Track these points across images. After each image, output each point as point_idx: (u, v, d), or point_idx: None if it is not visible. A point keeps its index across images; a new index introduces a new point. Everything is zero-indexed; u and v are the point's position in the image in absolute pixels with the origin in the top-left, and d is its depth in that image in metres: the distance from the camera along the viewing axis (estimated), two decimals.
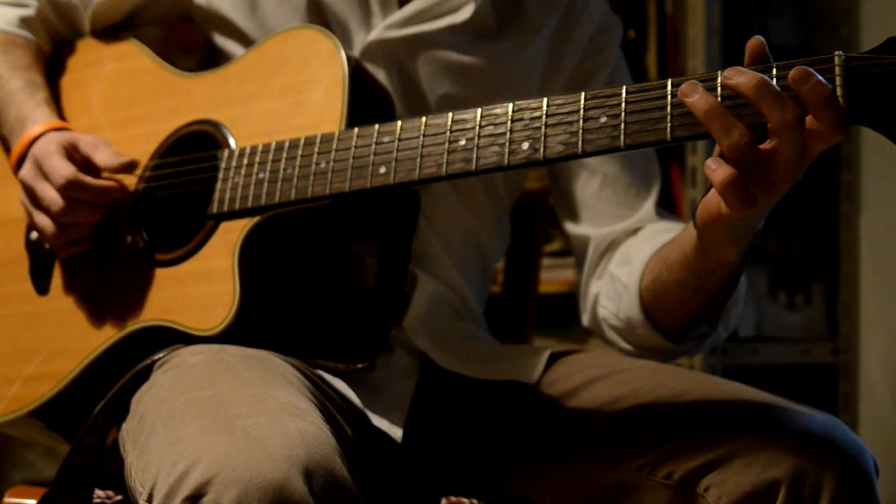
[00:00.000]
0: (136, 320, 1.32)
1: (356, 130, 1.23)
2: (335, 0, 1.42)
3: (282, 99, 1.31)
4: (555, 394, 1.36)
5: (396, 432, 1.31)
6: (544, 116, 1.13)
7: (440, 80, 1.43)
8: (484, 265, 1.54)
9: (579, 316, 1.51)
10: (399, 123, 1.21)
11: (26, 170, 1.35)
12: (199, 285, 1.29)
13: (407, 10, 1.42)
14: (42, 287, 1.42)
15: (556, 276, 2.53)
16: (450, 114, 1.18)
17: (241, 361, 1.17)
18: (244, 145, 1.31)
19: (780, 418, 1.18)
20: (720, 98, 1.03)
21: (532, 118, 1.13)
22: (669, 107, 1.06)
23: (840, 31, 2.49)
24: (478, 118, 1.16)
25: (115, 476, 1.23)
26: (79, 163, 1.34)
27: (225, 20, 1.45)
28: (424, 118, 1.20)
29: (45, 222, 1.34)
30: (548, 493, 1.33)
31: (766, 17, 2.52)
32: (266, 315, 1.27)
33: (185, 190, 1.34)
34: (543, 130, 1.12)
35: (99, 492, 1.39)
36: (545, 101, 1.13)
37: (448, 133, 1.18)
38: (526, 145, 1.13)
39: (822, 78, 0.99)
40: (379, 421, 1.30)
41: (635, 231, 1.46)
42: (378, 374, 1.35)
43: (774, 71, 1.03)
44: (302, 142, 1.26)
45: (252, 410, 1.04)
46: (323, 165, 1.23)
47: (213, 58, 1.46)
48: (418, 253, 1.40)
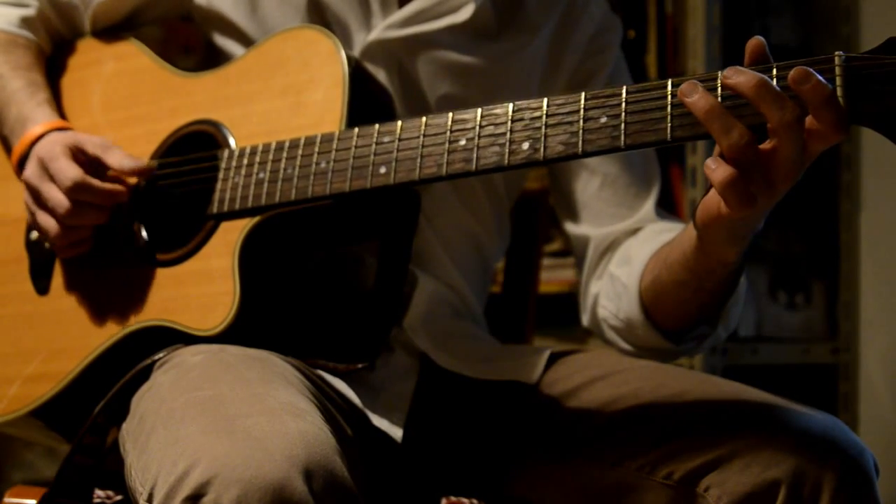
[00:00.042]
0: (136, 320, 1.32)
1: (356, 130, 1.23)
2: (335, 0, 1.42)
3: (282, 99, 1.31)
4: (555, 394, 1.36)
5: (396, 432, 1.31)
6: (544, 116, 1.13)
7: (440, 80, 1.43)
8: (484, 265, 1.54)
9: (579, 316, 1.51)
10: (399, 123, 1.21)
11: (31, 170, 1.35)
12: (200, 285, 1.29)
13: (407, 10, 1.42)
14: (42, 287, 1.42)
15: (556, 276, 2.53)
16: (450, 114, 1.18)
17: (242, 361, 1.17)
18: (244, 145, 1.31)
19: (780, 418, 1.18)
20: (720, 98, 1.03)
21: (532, 118, 1.13)
22: (670, 107, 1.06)
23: (840, 31, 2.49)
24: (478, 118, 1.16)
25: (115, 476, 1.23)
26: (85, 165, 1.33)
27: (225, 20, 1.45)
28: (424, 118, 1.20)
29: (50, 224, 1.34)
30: (548, 493, 1.33)
31: (766, 17, 2.52)
32: (266, 315, 1.27)
33: (186, 190, 1.34)
34: (544, 130, 1.12)
35: (99, 492, 1.39)
36: (545, 102, 1.13)
37: (448, 133, 1.17)
38: (526, 145, 1.13)
39: (823, 78, 0.99)
40: (379, 421, 1.30)
41: (635, 231, 1.46)
42: (378, 374, 1.35)
43: (774, 71, 1.02)
44: (302, 142, 1.26)
45: (252, 410, 1.04)
46: (323, 165, 1.23)
47: (214, 58, 1.46)
48: (418, 253, 1.40)
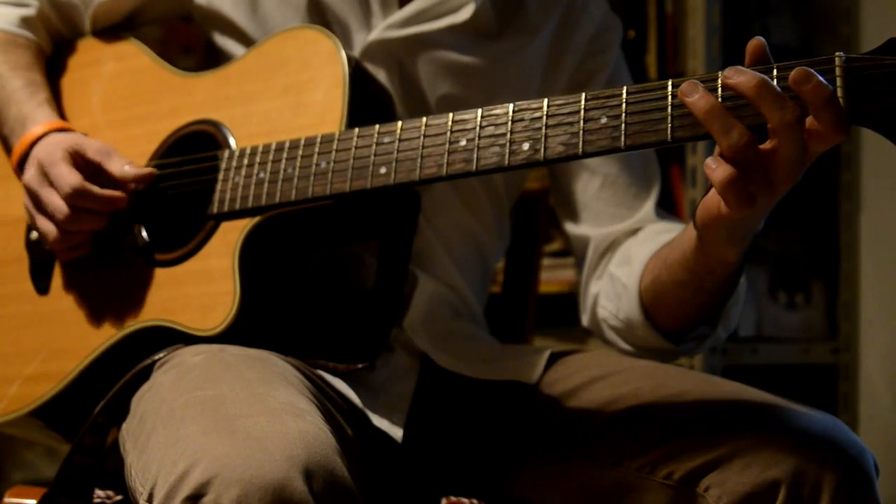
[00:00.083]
0: (137, 320, 1.32)
1: (357, 131, 1.23)
2: (335, 0, 1.42)
3: (282, 99, 1.31)
4: (555, 394, 1.36)
5: (397, 432, 1.31)
6: (545, 117, 1.13)
7: (440, 81, 1.43)
8: (484, 265, 1.54)
9: (579, 316, 1.51)
10: (399, 124, 1.21)
11: (30, 174, 1.35)
12: (200, 285, 1.29)
13: (407, 10, 1.42)
14: (42, 287, 1.42)
15: (556, 276, 2.53)
16: (450, 114, 1.18)
17: (242, 361, 1.17)
18: (244, 145, 1.31)
19: (780, 418, 1.18)
20: (721, 98, 1.03)
21: (533, 119, 1.13)
22: (670, 107, 1.06)
23: (840, 32, 2.49)
24: (478, 119, 1.16)
25: (115, 476, 1.23)
26: (85, 170, 1.33)
27: (225, 20, 1.44)
28: (425, 119, 1.20)
29: (49, 228, 1.34)
30: (548, 493, 1.33)
31: (766, 17, 2.52)
32: (266, 315, 1.27)
33: (186, 190, 1.34)
34: (544, 131, 1.12)
35: (99, 492, 1.39)
36: (546, 102, 1.13)
37: (448, 133, 1.17)
38: (526, 146, 1.13)
39: (823, 79, 0.99)
40: (379, 421, 1.30)
41: (635, 231, 1.46)
42: (378, 375, 1.35)
43: (775, 72, 1.02)
44: (302, 142, 1.26)
45: (252, 410, 1.04)
46: (323, 166, 1.23)
47: (214, 58, 1.46)
48: (418, 253, 1.40)
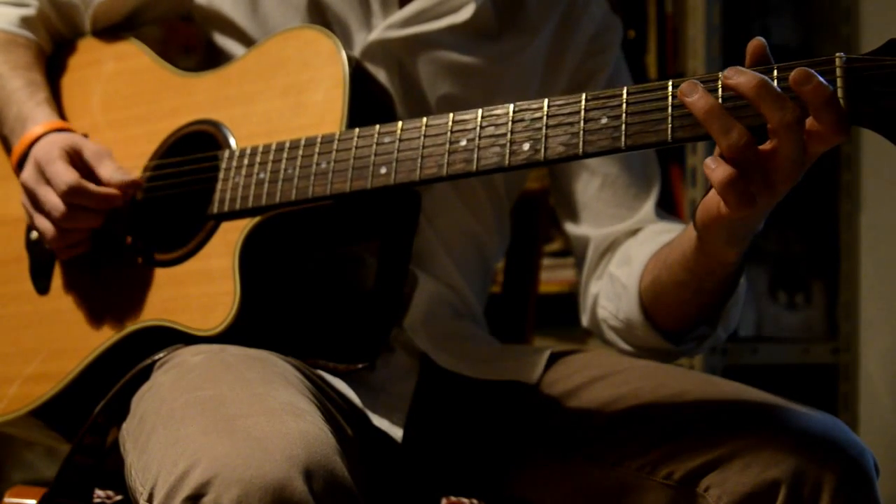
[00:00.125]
0: (137, 320, 1.32)
1: (357, 131, 1.23)
2: (336, 0, 1.42)
3: (282, 99, 1.31)
4: (555, 394, 1.36)
5: (397, 432, 1.31)
6: (545, 117, 1.13)
7: (441, 81, 1.43)
8: (484, 265, 1.54)
9: (579, 316, 1.51)
10: (400, 124, 1.21)
11: (28, 173, 1.35)
12: (200, 285, 1.29)
13: (408, 10, 1.42)
14: (42, 287, 1.42)
15: (556, 276, 2.53)
16: (451, 114, 1.18)
17: (242, 361, 1.17)
18: (245, 145, 1.31)
19: (780, 418, 1.18)
20: (721, 99, 1.03)
21: (533, 119, 1.13)
22: (670, 108, 1.06)
23: (840, 32, 2.49)
24: (479, 119, 1.16)
25: (115, 476, 1.23)
26: (82, 169, 1.33)
27: (225, 20, 1.44)
28: (425, 119, 1.20)
29: (46, 226, 1.34)
30: (548, 493, 1.33)
31: (766, 17, 2.52)
32: (266, 315, 1.27)
33: (186, 190, 1.34)
34: (544, 131, 1.12)
35: (99, 492, 1.39)
36: (546, 102, 1.13)
37: (449, 134, 1.17)
38: (527, 146, 1.13)
39: (823, 79, 0.99)
40: (379, 421, 1.30)
41: (635, 232, 1.46)
42: (378, 375, 1.35)
43: (775, 72, 1.02)
44: (302, 142, 1.26)
45: (252, 411, 1.04)
46: (324, 166, 1.23)
47: (214, 58, 1.46)
48: (419, 253, 1.40)
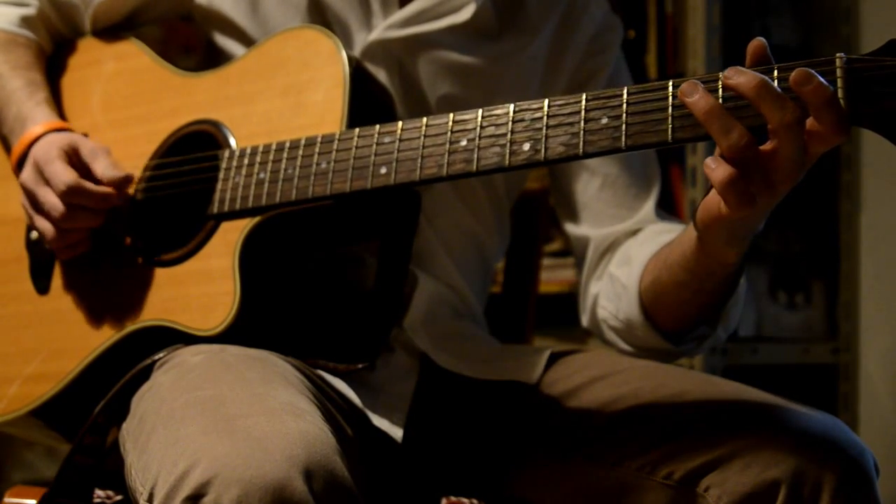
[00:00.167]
0: (137, 320, 1.32)
1: (357, 131, 1.23)
2: (336, 0, 1.42)
3: (283, 99, 1.31)
4: (555, 394, 1.36)
5: (397, 432, 1.31)
6: (545, 117, 1.13)
7: (441, 81, 1.43)
8: (484, 265, 1.54)
9: (579, 316, 1.51)
10: (400, 124, 1.21)
11: (27, 173, 1.35)
12: (200, 285, 1.29)
13: (408, 10, 1.42)
14: (42, 287, 1.42)
15: (556, 276, 2.53)
16: (451, 114, 1.18)
17: (242, 361, 1.17)
18: (245, 145, 1.31)
19: (780, 418, 1.18)
20: (721, 99, 1.03)
21: (533, 119, 1.13)
22: (671, 108, 1.06)
23: (840, 32, 2.49)
24: (479, 119, 1.16)
25: (115, 476, 1.23)
26: (80, 168, 1.33)
27: (226, 20, 1.44)
28: (425, 119, 1.20)
29: (46, 226, 1.34)
30: (548, 493, 1.33)
31: (766, 18, 2.52)
32: (266, 315, 1.27)
33: (186, 190, 1.34)
34: (544, 131, 1.12)
35: (99, 492, 1.39)
36: (546, 102, 1.13)
37: (449, 134, 1.17)
38: (527, 146, 1.13)
39: (824, 80, 0.99)
40: (379, 421, 1.30)
41: (635, 232, 1.46)
42: (378, 375, 1.35)
43: (776, 73, 1.02)
44: (303, 142, 1.26)
45: (252, 410, 1.04)
46: (324, 166, 1.23)
47: (214, 58, 1.46)
48: (419, 253, 1.40)
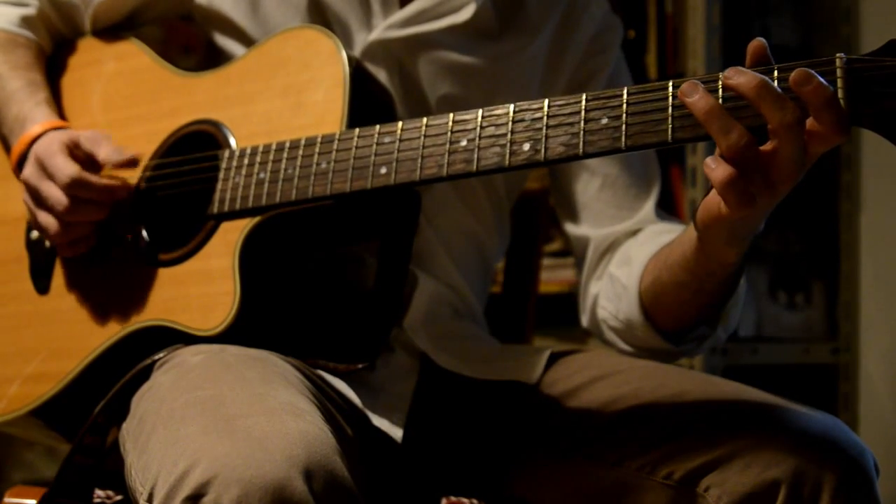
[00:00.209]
0: (137, 320, 1.32)
1: (357, 131, 1.23)
2: (336, 0, 1.42)
3: (283, 99, 1.31)
4: (555, 394, 1.36)
5: (397, 432, 1.31)
6: (545, 117, 1.13)
7: (441, 81, 1.43)
8: (484, 265, 1.54)
9: (579, 316, 1.51)
10: (400, 124, 1.21)
11: (29, 170, 1.35)
12: (200, 285, 1.29)
13: (408, 10, 1.42)
14: (42, 286, 1.42)
15: (556, 276, 2.53)
16: (451, 114, 1.18)
17: (242, 361, 1.17)
18: (245, 145, 1.31)
19: (780, 418, 1.18)
20: (721, 99, 1.03)
21: (533, 119, 1.13)
22: (671, 108, 1.06)
23: (840, 32, 2.49)
24: (479, 119, 1.16)
25: (115, 476, 1.23)
26: (82, 161, 1.33)
27: (226, 20, 1.44)
28: (425, 119, 1.20)
29: (50, 221, 1.34)
30: (548, 493, 1.33)
31: (766, 18, 2.52)
32: (266, 315, 1.27)
33: (186, 190, 1.34)
34: (544, 131, 1.12)
35: (99, 492, 1.39)
36: (546, 102, 1.13)
37: (449, 134, 1.17)
38: (527, 146, 1.13)
39: (824, 80, 0.99)
40: (379, 421, 1.30)
41: (635, 232, 1.46)
42: (378, 375, 1.35)
43: (776, 73, 1.02)
44: (303, 142, 1.26)
45: (252, 410, 1.04)
46: (324, 166, 1.23)
47: (214, 58, 1.46)
48: (419, 253, 1.40)
